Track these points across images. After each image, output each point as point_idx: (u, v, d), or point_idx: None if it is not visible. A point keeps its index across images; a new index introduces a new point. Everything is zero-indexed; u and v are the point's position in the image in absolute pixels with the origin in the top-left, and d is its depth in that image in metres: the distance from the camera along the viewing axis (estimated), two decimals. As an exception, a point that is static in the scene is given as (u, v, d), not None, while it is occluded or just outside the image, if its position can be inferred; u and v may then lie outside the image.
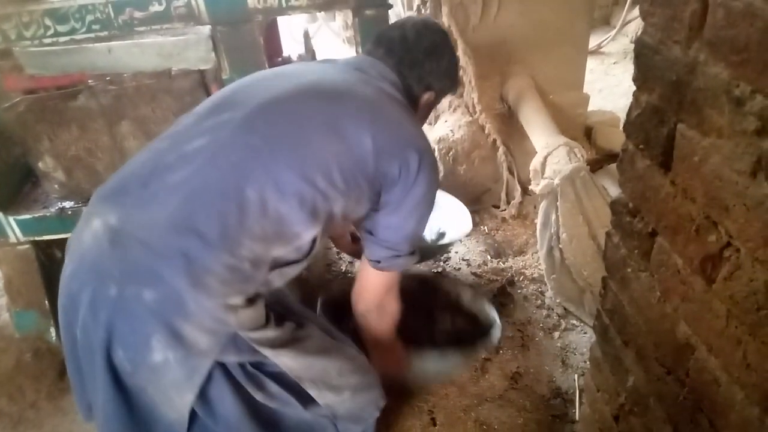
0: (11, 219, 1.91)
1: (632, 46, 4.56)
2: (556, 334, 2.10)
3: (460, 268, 2.42)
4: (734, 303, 0.73)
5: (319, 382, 1.18)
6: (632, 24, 4.56)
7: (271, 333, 1.12)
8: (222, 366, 1.08)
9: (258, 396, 1.13)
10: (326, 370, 1.20)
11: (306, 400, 1.18)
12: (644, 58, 0.86)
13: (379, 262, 1.26)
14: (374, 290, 1.33)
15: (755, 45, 0.64)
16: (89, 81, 1.76)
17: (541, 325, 2.14)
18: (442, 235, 2.33)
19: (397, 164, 1.14)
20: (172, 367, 1.02)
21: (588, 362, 1.98)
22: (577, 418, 1.75)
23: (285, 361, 1.13)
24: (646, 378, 0.98)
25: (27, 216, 1.90)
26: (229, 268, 1.02)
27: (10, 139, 1.95)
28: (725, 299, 0.75)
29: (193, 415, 1.09)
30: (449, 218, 2.43)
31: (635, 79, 0.90)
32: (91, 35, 1.71)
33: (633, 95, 0.91)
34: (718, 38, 0.70)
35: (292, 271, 1.17)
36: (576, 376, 1.92)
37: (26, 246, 1.98)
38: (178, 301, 1.00)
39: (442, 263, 2.47)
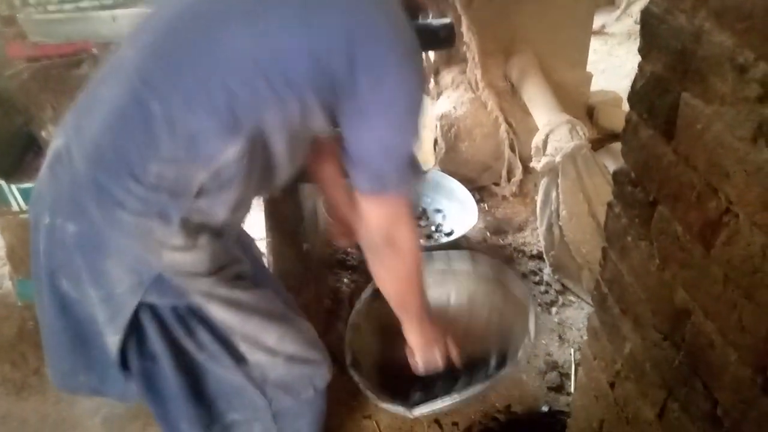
0: (14, 187, 1.92)
1: (637, 27, 4.54)
2: (554, 309, 2.13)
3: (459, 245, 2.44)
4: (732, 267, 0.75)
5: (253, 340, 1.12)
6: (637, 5, 4.53)
7: (204, 284, 1.03)
8: (151, 307, 1.03)
9: (187, 342, 1.07)
10: (264, 330, 1.13)
11: (237, 358, 1.12)
12: (650, 27, 0.87)
13: (362, 184, 1.03)
14: (375, 224, 1.08)
15: (760, 12, 0.64)
16: (93, 49, 1.76)
17: (538, 300, 2.17)
18: (450, 233, 2.39)
19: (345, 57, 0.89)
20: (96, 304, 1.00)
21: (584, 336, 2.02)
22: (572, 389, 1.78)
23: (217, 311, 1.06)
24: (642, 345, 1.00)
25: (29, 184, 1.91)
26: (139, 199, 0.93)
27: (14, 107, 1.95)
28: (723, 264, 0.77)
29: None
30: (456, 210, 2.48)
31: (640, 50, 0.91)
32: (96, 3, 1.71)
33: (638, 66, 0.92)
34: (723, 7, 0.71)
35: (228, 197, 1.02)
36: (572, 350, 1.95)
37: (28, 215, 1.99)
38: (96, 236, 0.95)
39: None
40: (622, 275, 1.05)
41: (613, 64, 4.15)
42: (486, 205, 2.71)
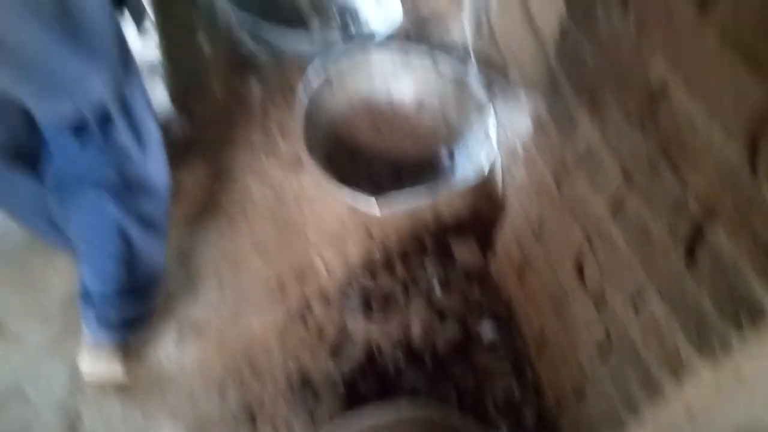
0: None
1: None
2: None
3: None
4: (734, 26, 0.62)
5: None
6: None
7: None
8: None
9: None
10: None
11: None
12: None
13: None
14: None
15: None
16: None
17: (465, 100, 2.04)
18: (372, 35, 2.13)
19: None
20: None
21: (511, 135, 1.95)
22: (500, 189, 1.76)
23: None
24: (600, 132, 0.90)
25: None
26: None
27: None
28: (718, 26, 0.64)
29: None
30: (371, 6, 2.22)
31: None
32: None
33: None
34: None
35: None
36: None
37: None
38: None
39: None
40: (585, 53, 0.91)
41: None
42: (407, -2, 2.42)
